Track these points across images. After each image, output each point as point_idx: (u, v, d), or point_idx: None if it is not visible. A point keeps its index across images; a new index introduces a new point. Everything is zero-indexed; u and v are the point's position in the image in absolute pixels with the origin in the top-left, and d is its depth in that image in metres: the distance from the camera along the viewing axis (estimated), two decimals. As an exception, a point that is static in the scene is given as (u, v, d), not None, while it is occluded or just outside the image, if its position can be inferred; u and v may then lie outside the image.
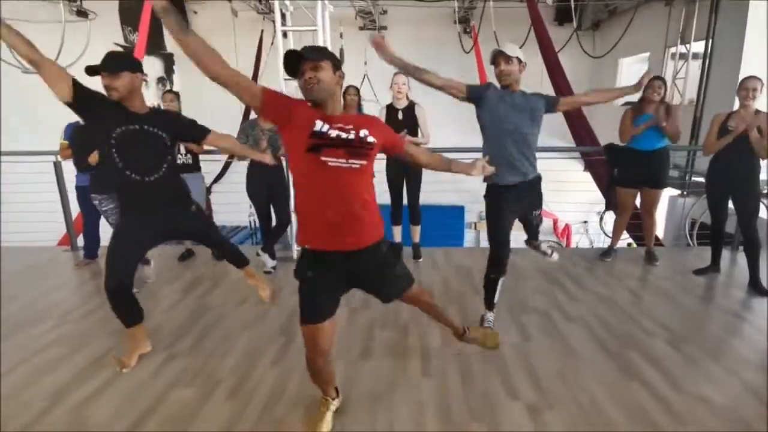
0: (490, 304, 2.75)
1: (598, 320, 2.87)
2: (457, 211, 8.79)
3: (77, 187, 3.70)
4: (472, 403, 2.09)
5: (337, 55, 1.80)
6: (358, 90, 3.91)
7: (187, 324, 2.85)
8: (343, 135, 1.58)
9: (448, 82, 2.46)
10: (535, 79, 5.30)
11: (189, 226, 2.50)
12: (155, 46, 9.20)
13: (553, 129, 6.51)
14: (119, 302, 2.33)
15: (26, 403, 2.10)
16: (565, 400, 2.09)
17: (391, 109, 3.80)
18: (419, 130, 3.79)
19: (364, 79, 7.78)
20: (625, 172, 3.68)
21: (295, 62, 1.57)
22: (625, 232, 4.87)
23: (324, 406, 1.95)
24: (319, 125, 1.57)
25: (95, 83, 2.10)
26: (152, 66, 9.09)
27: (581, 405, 2.06)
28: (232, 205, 6.39)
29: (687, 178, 6.03)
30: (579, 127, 4.67)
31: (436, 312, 2.11)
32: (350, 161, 1.58)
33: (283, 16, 3.85)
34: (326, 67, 1.56)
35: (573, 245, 9.45)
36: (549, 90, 5.43)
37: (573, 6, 5.70)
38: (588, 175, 6.25)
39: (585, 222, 9.50)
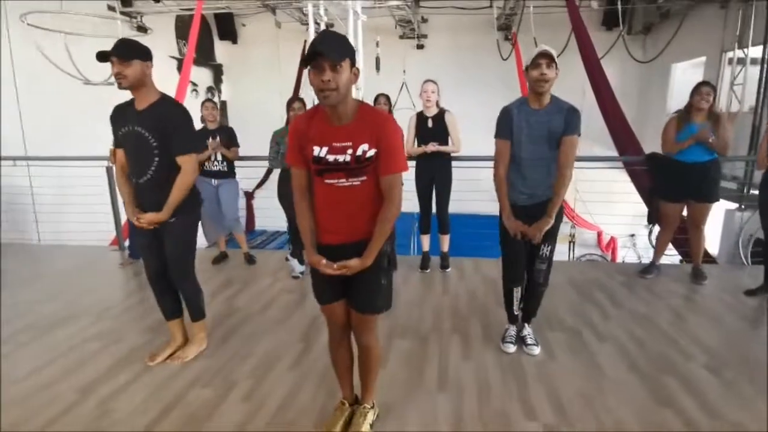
0: (510, 317, 2.66)
1: (632, 340, 2.70)
2: (495, 222, 8.50)
3: None
4: (486, 421, 2.01)
5: (374, 64, 1.79)
6: (388, 98, 3.92)
7: (213, 325, 2.92)
8: (340, 158, 1.59)
9: (500, 161, 2.40)
10: (576, 86, 5.13)
11: (164, 232, 2.33)
12: (205, 57, 9.69)
13: (595, 136, 6.26)
14: (156, 294, 2.50)
15: (57, 395, 2.22)
16: (587, 424, 1.97)
17: (421, 116, 3.78)
18: (449, 137, 3.75)
19: (402, 87, 7.81)
20: (670, 184, 3.45)
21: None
22: (673, 247, 4.58)
23: (339, 410, 1.96)
24: (317, 151, 1.60)
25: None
26: (202, 76, 9.56)
27: (604, 429, 1.93)
28: (273, 210, 6.58)
29: (745, 190, 5.58)
30: (621, 134, 4.44)
31: (364, 366, 1.91)
32: (350, 180, 1.62)
33: (327, 26, 3.96)
34: (345, 67, 1.50)
35: (619, 260, 8.99)
36: (592, 99, 5.21)
37: (620, 9, 5.46)
38: (636, 186, 5.94)
39: (632, 235, 9.01)
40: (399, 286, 3.63)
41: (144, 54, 2.17)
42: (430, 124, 3.73)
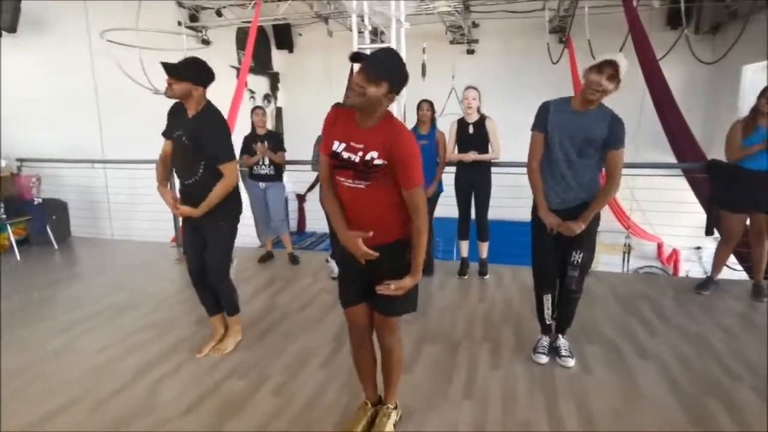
0: (543, 326, 2.61)
1: (678, 358, 2.54)
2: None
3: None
4: (509, 430, 1.99)
5: (422, 68, 1.83)
6: (432, 105, 3.94)
7: (253, 321, 3.09)
8: (351, 157, 1.65)
9: (533, 154, 2.40)
10: (635, 88, 4.87)
11: (207, 236, 2.52)
12: (263, 66, 10.18)
13: (654, 141, 5.91)
14: (198, 293, 2.69)
15: (115, 375, 2.46)
16: (616, 443, 1.90)
17: (462, 122, 3.78)
18: (489, 144, 3.72)
19: (451, 92, 7.78)
20: (732, 193, 3.21)
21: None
22: (738, 262, 4.23)
23: (362, 409, 2.01)
24: (336, 145, 1.69)
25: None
26: (260, 84, 10.05)
27: (634, 450, 1.85)
28: (322, 212, 6.81)
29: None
30: (680, 139, 4.15)
31: (386, 368, 1.96)
32: (355, 182, 1.67)
33: (376, 33, 4.03)
34: (382, 86, 1.54)
35: (682, 273, 8.35)
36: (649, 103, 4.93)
37: (683, 8, 5.12)
38: (701, 196, 5.52)
39: (698, 248, 8.35)
40: (434, 292, 3.64)
41: (196, 79, 2.34)
42: (471, 130, 3.72)
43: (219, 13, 8.09)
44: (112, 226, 6.36)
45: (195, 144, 2.35)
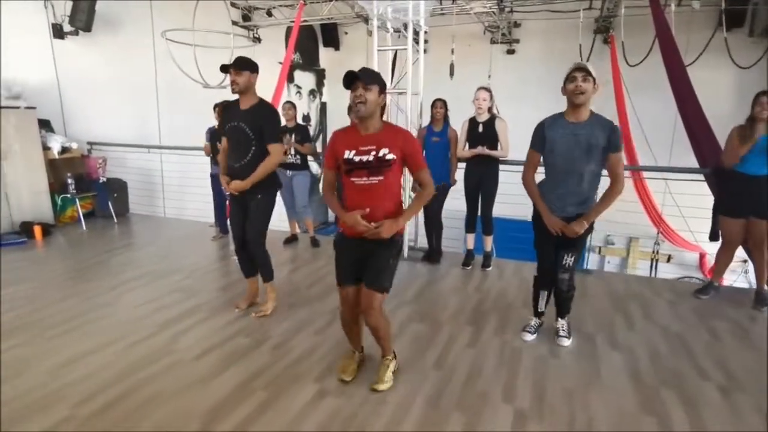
0: (535, 311, 2.88)
1: (649, 353, 2.63)
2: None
3: (211, 175, 4.76)
4: (465, 398, 2.21)
5: (451, 68, 2.27)
6: (445, 103, 4.15)
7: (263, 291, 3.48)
8: (365, 158, 2.05)
9: (528, 168, 2.63)
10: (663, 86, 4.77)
11: (249, 208, 2.96)
12: (310, 63, 10.68)
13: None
14: (239, 258, 3.15)
15: (145, 326, 2.93)
16: (560, 418, 2.07)
17: (472, 121, 3.96)
18: (499, 143, 3.88)
19: (487, 92, 7.84)
20: (732, 199, 3.20)
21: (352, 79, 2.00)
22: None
23: (350, 358, 2.41)
24: (347, 154, 2.07)
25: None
26: (307, 80, 10.57)
27: (574, 426, 2.02)
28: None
29: None
30: (703, 144, 4.04)
31: (377, 340, 2.30)
32: (371, 178, 2.06)
33: (417, 34, 4.24)
34: (373, 90, 2.00)
35: (725, 284, 7.91)
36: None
37: (723, 8, 4.91)
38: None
39: (745, 261, 7.88)
40: (437, 279, 3.88)
41: (252, 67, 2.83)
42: (480, 129, 3.90)
43: (269, 13, 8.64)
44: (164, 205, 7.06)
45: (254, 130, 2.79)
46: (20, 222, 4.99)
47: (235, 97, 2.90)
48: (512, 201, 4.14)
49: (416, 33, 4.29)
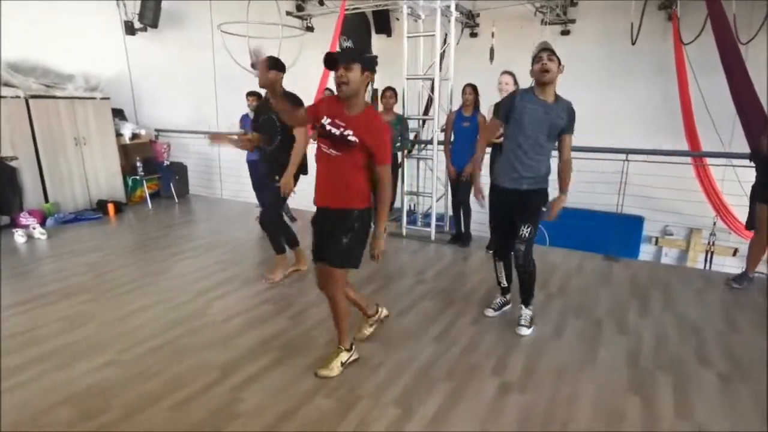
0: (500, 288, 2.97)
1: (656, 339, 2.60)
2: (634, 222, 7.71)
3: (248, 161, 5.13)
4: (457, 367, 2.35)
5: (491, 53, 2.28)
6: (475, 89, 4.17)
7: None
8: (333, 130, 2.08)
9: (490, 128, 2.86)
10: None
11: (268, 189, 3.32)
12: (363, 51, 10.88)
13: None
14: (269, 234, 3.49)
15: (186, 292, 3.32)
16: (543, 391, 2.14)
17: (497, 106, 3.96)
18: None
19: (533, 75, 7.61)
20: (764, 184, 2.99)
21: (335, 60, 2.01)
22: None
23: (335, 353, 2.35)
24: (324, 119, 2.11)
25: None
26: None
27: (555, 399, 2.09)
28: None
29: None
30: (754, 126, 3.71)
31: (333, 314, 2.34)
32: (331, 150, 2.11)
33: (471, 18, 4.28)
34: (355, 69, 1.98)
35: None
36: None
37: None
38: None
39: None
40: (459, 261, 3.98)
41: (279, 67, 3.05)
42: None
43: (321, 2, 8.92)
44: (221, 187, 7.65)
45: (280, 119, 3.06)
46: (97, 200, 5.70)
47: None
48: (607, 191, 4.10)
49: (470, 16, 4.32)
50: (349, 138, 2.06)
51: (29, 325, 2.78)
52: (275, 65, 3.05)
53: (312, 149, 2.42)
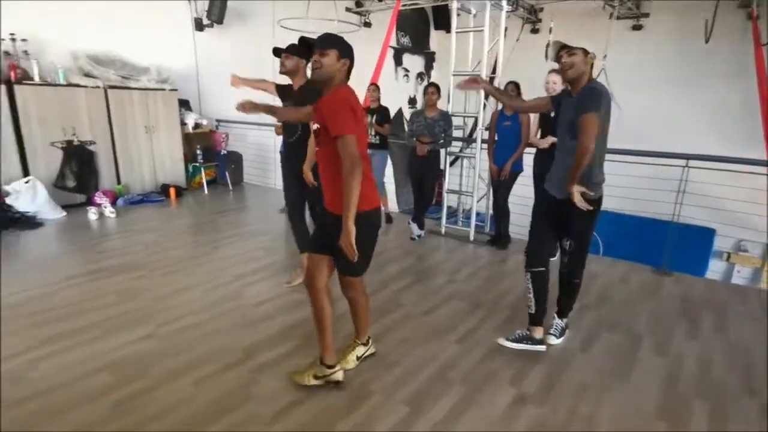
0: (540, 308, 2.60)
1: (699, 365, 2.37)
2: (704, 234, 7.02)
3: (280, 152, 5.25)
4: (474, 372, 2.29)
5: (546, 50, 2.14)
6: (517, 86, 4.02)
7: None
8: (312, 126, 2.01)
9: (536, 102, 2.65)
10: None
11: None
12: (421, 46, 10.83)
13: None
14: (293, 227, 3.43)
15: (225, 275, 3.49)
16: (560, 407, 2.04)
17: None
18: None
19: (600, 73, 7.19)
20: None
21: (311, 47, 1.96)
22: None
23: (351, 347, 2.37)
24: (313, 126, 1.98)
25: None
26: (415, 63, 10.76)
27: (572, 417, 1.98)
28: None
29: None
30: None
31: (353, 314, 2.29)
32: (317, 146, 1.98)
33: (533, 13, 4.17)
34: (331, 54, 1.87)
35: None
36: None
37: None
38: None
39: None
40: (495, 263, 3.88)
41: (301, 54, 3.03)
42: (553, 115, 3.70)
43: (380, -1, 8.98)
44: (275, 177, 7.95)
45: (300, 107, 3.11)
46: (161, 184, 6.14)
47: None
48: (616, 194, 3.86)
49: (532, 11, 4.18)
50: (315, 128, 1.94)
51: (82, 297, 3.05)
52: (296, 51, 2.91)
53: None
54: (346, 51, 1.94)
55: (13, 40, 4.82)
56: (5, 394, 2.04)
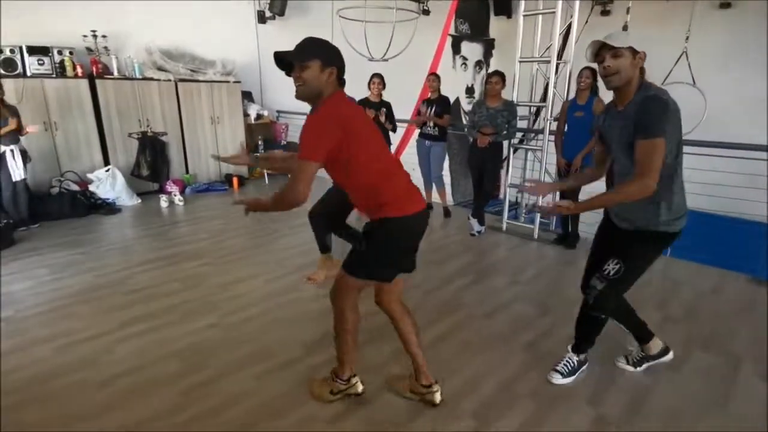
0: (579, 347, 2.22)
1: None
2: (758, 229, 6.12)
3: None
4: (545, 386, 2.12)
5: (622, 34, 1.69)
6: (593, 72, 3.68)
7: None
8: None
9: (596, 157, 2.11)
10: None
11: None
12: (480, 33, 10.43)
13: None
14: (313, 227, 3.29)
15: (282, 266, 3.52)
16: (648, 433, 1.83)
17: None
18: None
19: (680, 57, 6.52)
20: None
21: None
22: None
23: (324, 381, 2.04)
24: None
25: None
26: (473, 50, 10.38)
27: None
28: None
29: None
30: None
31: (340, 331, 1.92)
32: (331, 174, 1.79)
33: None
34: (312, 66, 1.63)
35: None
36: None
37: None
38: None
39: None
40: (561, 264, 3.70)
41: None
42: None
43: (440, -16, 8.68)
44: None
45: None
46: (225, 174, 6.35)
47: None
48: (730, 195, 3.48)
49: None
50: None
51: (154, 281, 3.19)
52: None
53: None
54: (330, 58, 1.68)
55: (95, 37, 5.12)
56: (85, 374, 2.15)
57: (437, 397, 1.95)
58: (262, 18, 6.87)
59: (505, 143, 4.29)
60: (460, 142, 8.70)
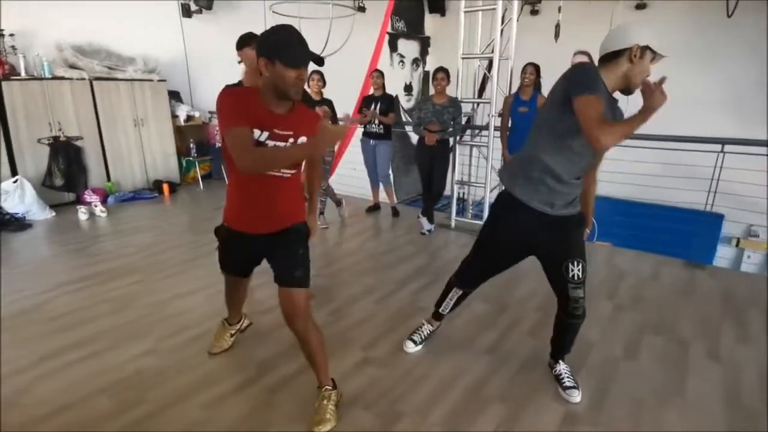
0: (434, 313, 2.37)
1: (759, 371, 2.17)
2: (711, 220, 6.83)
3: None
4: (513, 387, 2.08)
5: (556, 30, 1.57)
6: (537, 68, 3.78)
7: (344, 256, 3.63)
8: (278, 144, 1.57)
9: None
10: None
11: None
12: (415, 30, 10.49)
13: None
14: None
15: (221, 281, 3.23)
16: (619, 426, 1.83)
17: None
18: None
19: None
20: None
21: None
22: None
23: (323, 398, 1.86)
24: (257, 134, 1.54)
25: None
26: (410, 48, 10.43)
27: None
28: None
29: None
30: None
31: (307, 354, 1.84)
32: (282, 171, 1.64)
33: None
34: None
35: None
36: None
37: None
38: None
39: None
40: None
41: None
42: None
43: (375, -19, 8.61)
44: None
45: None
46: (153, 180, 5.83)
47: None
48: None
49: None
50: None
51: (77, 305, 2.80)
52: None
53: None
54: (261, 45, 1.56)
55: (1, 35, 4.48)
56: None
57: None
58: (187, 12, 6.39)
59: (451, 140, 4.28)
60: (401, 141, 8.68)
